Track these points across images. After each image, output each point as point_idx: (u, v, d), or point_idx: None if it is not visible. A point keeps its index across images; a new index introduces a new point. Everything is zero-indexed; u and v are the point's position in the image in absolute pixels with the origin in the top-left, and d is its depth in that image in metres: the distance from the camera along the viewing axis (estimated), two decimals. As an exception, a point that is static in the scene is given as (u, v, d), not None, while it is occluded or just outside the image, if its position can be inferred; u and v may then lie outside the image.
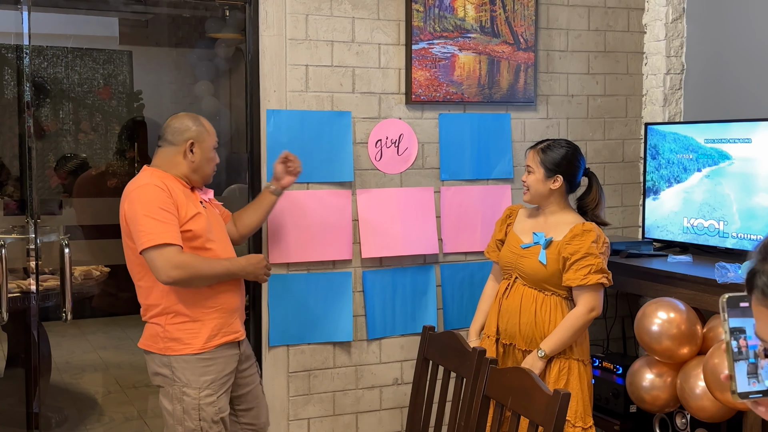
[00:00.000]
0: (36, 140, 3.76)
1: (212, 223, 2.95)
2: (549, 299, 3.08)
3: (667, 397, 3.28)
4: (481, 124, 3.85)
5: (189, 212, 2.82)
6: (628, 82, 4.20)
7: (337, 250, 3.62)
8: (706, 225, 3.68)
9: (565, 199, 3.18)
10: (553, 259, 3.06)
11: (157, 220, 2.72)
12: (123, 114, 5.75)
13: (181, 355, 2.83)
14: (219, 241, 2.94)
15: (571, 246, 3.02)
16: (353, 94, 3.61)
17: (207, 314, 2.87)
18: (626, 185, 4.23)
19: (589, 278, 2.99)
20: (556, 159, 3.11)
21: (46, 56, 5.44)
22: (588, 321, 3.03)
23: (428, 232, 3.77)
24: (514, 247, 3.19)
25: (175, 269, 2.71)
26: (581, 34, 4.07)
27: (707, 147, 3.68)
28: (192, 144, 2.90)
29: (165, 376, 2.87)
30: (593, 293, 3.02)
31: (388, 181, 3.71)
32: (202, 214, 2.88)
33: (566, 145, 3.17)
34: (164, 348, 2.85)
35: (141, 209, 2.74)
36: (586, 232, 3.04)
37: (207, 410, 2.83)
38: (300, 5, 3.51)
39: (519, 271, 3.15)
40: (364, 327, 3.70)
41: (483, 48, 3.81)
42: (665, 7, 4.08)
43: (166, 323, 2.84)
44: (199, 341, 2.84)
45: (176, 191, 2.84)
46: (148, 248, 2.71)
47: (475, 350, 2.67)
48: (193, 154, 2.90)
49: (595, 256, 3.00)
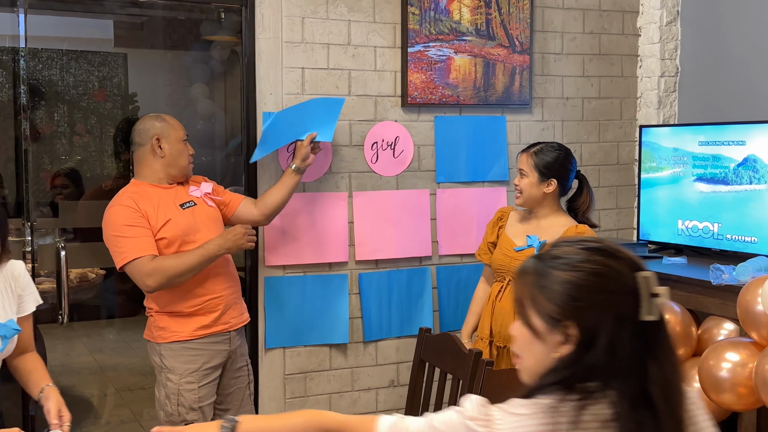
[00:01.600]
0: (31, 143, 3.76)
1: (197, 220, 3.01)
2: None
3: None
4: (476, 127, 3.87)
5: (159, 221, 2.92)
6: (623, 85, 4.22)
7: (333, 252, 3.63)
8: (700, 227, 3.69)
9: (558, 201, 3.18)
10: None
11: (125, 238, 2.87)
12: (118, 116, 5.74)
13: (168, 342, 2.97)
14: (203, 238, 2.99)
15: None
16: (349, 97, 3.62)
17: (195, 307, 2.98)
18: (621, 187, 4.25)
19: None
20: (549, 162, 3.12)
21: (41, 59, 5.44)
22: None
23: (424, 234, 3.78)
24: (508, 250, 3.19)
25: (148, 277, 2.85)
26: (576, 36, 4.08)
27: (701, 149, 3.69)
28: (158, 140, 2.98)
29: (155, 363, 3.02)
30: None
31: (384, 184, 3.72)
32: (174, 220, 2.94)
33: (558, 148, 3.18)
34: (156, 336, 2.99)
35: (110, 231, 2.90)
36: (580, 235, 3.03)
37: (186, 396, 2.94)
38: (296, 8, 3.51)
39: (513, 273, 3.16)
40: (360, 329, 3.70)
41: (478, 51, 3.82)
42: (660, 10, 4.10)
43: (158, 314, 3.00)
44: (186, 330, 2.96)
45: (148, 201, 2.94)
46: (123, 266, 2.88)
47: (472, 352, 2.68)
48: (162, 149, 2.99)
49: None
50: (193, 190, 3.10)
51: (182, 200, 3.03)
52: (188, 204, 3.03)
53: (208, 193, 3.12)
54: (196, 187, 3.13)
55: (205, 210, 3.08)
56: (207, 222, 3.05)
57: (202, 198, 3.10)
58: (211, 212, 3.10)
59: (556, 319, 1.43)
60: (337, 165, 3.62)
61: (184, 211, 3.00)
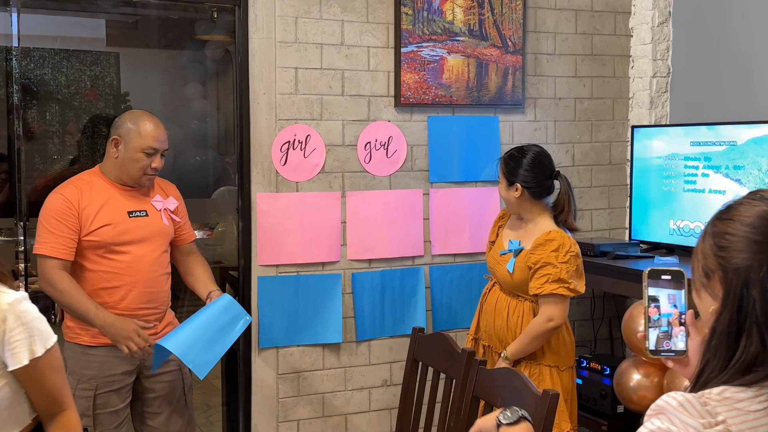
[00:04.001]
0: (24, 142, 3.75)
1: (142, 231, 2.91)
2: (521, 305, 3.08)
3: (654, 397, 3.26)
4: (469, 127, 3.88)
5: (96, 223, 2.84)
6: (615, 85, 4.23)
7: (326, 251, 3.63)
8: (692, 227, 3.71)
9: (538, 205, 3.10)
10: (520, 268, 3.04)
11: (48, 230, 2.81)
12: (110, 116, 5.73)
13: (72, 343, 2.90)
14: (139, 250, 2.90)
15: (534, 255, 2.99)
16: (342, 97, 3.62)
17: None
18: (613, 187, 4.27)
19: (544, 287, 2.95)
20: (512, 167, 3.08)
21: (32, 58, 5.42)
22: (546, 330, 2.97)
23: (416, 234, 3.79)
24: (495, 252, 3.20)
25: (44, 282, 2.82)
26: (568, 37, 4.10)
27: (693, 149, 3.71)
28: (116, 140, 2.91)
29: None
30: (552, 303, 2.97)
31: (377, 184, 3.72)
32: (112, 225, 2.86)
33: (522, 152, 3.10)
34: (65, 334, 2.91)
35: (42, 215, 2.85)
36: (548, 242, 2.98)
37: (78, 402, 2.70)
38: (289, 8, 3.52)
39: (495, 276, 3.19)
40: (353, 328, 3.71)
41: (471, 51, 3.83)
42: (651, 11, 4.12)
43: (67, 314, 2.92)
44: (87, 335, 2.88)
45: (94, 198, 2.86)
46: (36, 254, 2.83)
47: (464, 351, 2.69)
48: (117, 150, 2.91)
49: (554, 266, 2.94)
50: (156, 200, 3.00)
51: (134, 207, 2.93)
52: (138, 213, 2.93)
53: (168, 209, 3.03)
54: (161, 198, 3.02)
55: (157, 223, 2.98)
56: (153, 235, 2.95)
57: (161, 211, 3.00)
58: (162, 228, 2.99)
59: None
60: (330, 165, 3.63)
61: (129, 219, 2.91)
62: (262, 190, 3.51)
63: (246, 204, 3.52)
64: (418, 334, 3.06)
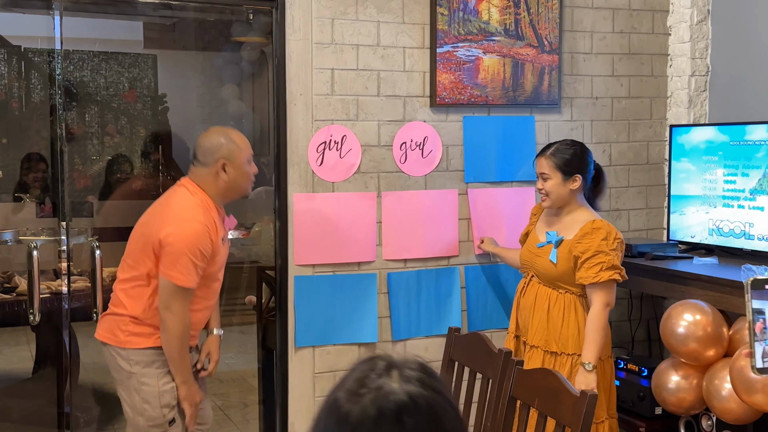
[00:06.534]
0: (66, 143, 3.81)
1: (224, 256, 2.93)
2: (563, 297, 3.12)
3: (693, 399, 3.27)
4: (505, 127, 3.87)
5: (218, 252, 2.82)
6: (653, 84, 4.20)
7: (362, 251, 3.65)
8: (731, 227, 3.67)
9: (579, 196, 3.20)
10: (563, 258, 3.09)
11: (194, 264, 2.72)
12: (148, 117, 5.81)
13: (140, 348, 2.82)
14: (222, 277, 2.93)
15: (581, 244, 3.06)
16: (378, 98, 3.64)
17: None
18: (651, 187, 4.23)
19: (600, 275, 3.01)
20: (568, 159, 3.15)
21: (72, 60, 5.51)
22: (607, 316, 3.07)
23: (452, 233, 3.79)
24: (531, 245, 3.24)
25: (170, 312, 2.73)
26: (605, 36, 4.07)
27: (732, 149, 3.66)
28: (224, 164, 2.81)
29: (122, 368, 2.86)
30: (607, 290, 3.05)
31: (413, 184, 3.73)
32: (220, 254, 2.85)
33: (572, 143, 3.22)
34: (124, 341, 2.83)
35: (186, 247, 2.71)
36: (595, 230, 3.06)
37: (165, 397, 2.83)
38: (326, 9, 3.54)
39: (534, 269, 3.20)
40: (389, 328, 3.72)
41: (507, 51, 3.82)
42: (690, 9, 4.08)
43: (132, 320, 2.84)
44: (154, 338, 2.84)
45: (214, 222, 2.82)
46: (176, 285, 2.73)
47: (501, 351, 2.69)
48: (226, 173, 2.82)
49: (606, 253, 3.02)
50: (227, 222, 2.97)
51: (223, 232, 2.88)
52: (226, 239, 2.92)
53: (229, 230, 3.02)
54: (227, 218, 2.99)
55: (227, 247, 2.97)
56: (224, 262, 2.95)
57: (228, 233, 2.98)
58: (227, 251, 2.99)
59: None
60: (366, 165, 3.64)
61: (223, 246, 2.87)
62: (299, 191, 3.54)
63: (283, 204, 3.55)
64: (454, 334, 3.06)
